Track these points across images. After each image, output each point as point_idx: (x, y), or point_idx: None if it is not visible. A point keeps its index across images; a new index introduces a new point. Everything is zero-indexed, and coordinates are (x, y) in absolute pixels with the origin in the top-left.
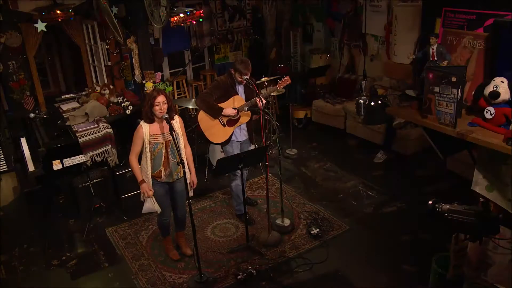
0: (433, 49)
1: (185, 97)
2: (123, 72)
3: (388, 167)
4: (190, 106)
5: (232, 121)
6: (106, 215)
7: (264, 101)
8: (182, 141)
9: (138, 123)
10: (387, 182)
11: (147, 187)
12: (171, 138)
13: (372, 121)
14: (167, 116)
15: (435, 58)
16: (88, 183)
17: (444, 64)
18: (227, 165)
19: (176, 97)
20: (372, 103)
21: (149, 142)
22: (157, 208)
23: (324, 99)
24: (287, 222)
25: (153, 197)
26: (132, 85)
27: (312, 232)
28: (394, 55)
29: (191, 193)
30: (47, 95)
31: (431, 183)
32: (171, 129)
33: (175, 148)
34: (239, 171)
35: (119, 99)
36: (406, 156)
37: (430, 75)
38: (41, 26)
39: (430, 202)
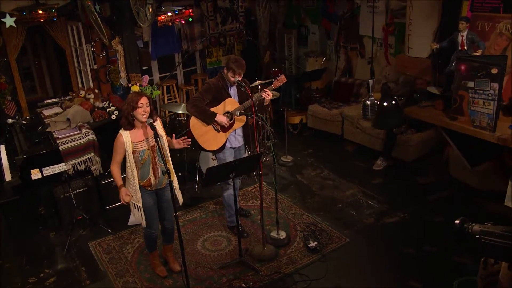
0: (462, 36)
1: (176, 102)
2: (109, 76)
3: (388, 175)
4: (181, 111)
5: (226, 127)
6: (90, 227)
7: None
8: (166, 143)
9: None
10: (388, 191)
11: (124, 193)
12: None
13: (385, 124)
14: (151, 121)
15: (465, 48)
16: (70, 193)
17: (478, 53)
18: (217, 174)
19: (166, 102)
20: (385, 104)
21: (134, 152)
22: (143, 220)
23: (320, 104)
24: (282, 234)
25: (140, 208)
26: (121, 90)
27: (309, 245)
28: (408, 48)
29: (180, 199)
30: (34, 101)
31: (434, 191)
32: (156, 135)
33: (160, 152)
34: (231, 180)
35: (105, 104)
36: (406, 162)
37: (463, 67)
38: (9, 21)
39: (457, 221)
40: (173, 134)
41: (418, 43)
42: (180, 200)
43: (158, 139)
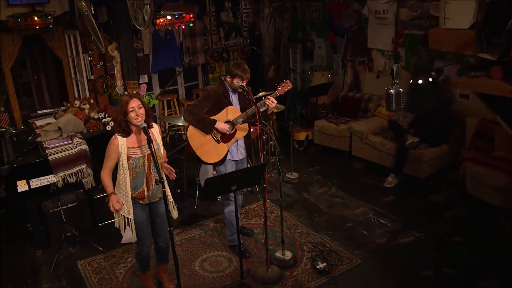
0: None
1: (176, 115)
2: (107, 87)
3: (400, 192)
4: (180, 124)
5: (227, 137)
6: (80, 245)
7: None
8: (163, 151)
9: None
10: (401, 209)
11: (115, 199)
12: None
13: (417, 106)
14: (145, 125)
15: None
16: (59, 208)
17: None
18: (217, 186)
19: (166, 115)
20: (420, 81)
21: (128, 158)
22: (133, 235)
23: (327, 119)
24: (288, 255)
25: (131, 221)
26: None
27: (317, 266)
28: (444, 19)
29: (174, 213)
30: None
31: (451, 209)
32: (149, 140)
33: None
34: (233, 195)
35: (101, 115)
36: (419, 179)
37: None
38: None
39: None
40: (166, 159)
41: (458, 11)
42: (174, 214)
43: (152, 145)
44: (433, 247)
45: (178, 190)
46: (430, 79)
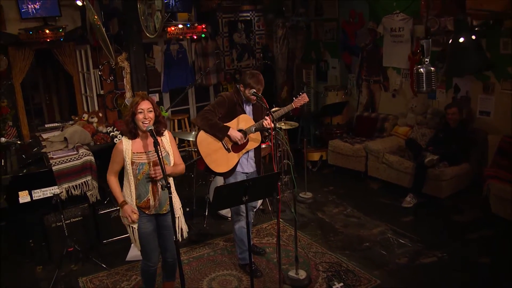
0: None
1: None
2: (116, 103)
3: (419, 212)
4: (190, 138)
5: (238, 146)
6: (82, 261)
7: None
8: (172, 160)
9: None
10: (421, 229)
11: (130, 210)
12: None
13: (459, 69)
14: (151, 128)
15: None
16: (62, 222)
17: None
18: (227, 196)
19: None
20: (461, 40)
21: (132, 163)
22: (136, 244)
23: (341, 139)
24: (302, 274)
25: (135, 232)
26: None
27: (334, 287)
28: None
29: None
30: None
31: (474, 229)
32: (156, 143)
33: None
34: (244, 210)
35: (109, 129)
36: (440, 199)
37: None
38: None
39: None
40: (178, 170)
41: None
42: (184, 232)
43: (158, 147)
44: (458, 268)
45: (188, 209)
46: (473, 37)
